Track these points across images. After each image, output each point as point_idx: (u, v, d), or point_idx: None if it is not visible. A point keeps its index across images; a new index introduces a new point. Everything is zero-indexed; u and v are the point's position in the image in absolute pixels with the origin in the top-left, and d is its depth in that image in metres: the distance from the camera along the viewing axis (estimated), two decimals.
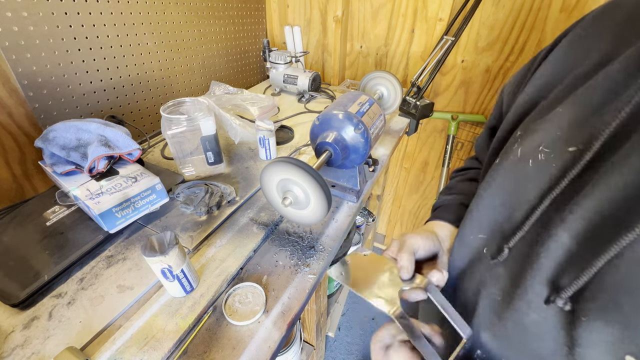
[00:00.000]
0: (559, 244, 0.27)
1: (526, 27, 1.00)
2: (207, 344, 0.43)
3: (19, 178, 0.68)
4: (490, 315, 0.34)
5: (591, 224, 0.25)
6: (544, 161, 0.31)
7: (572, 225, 0.26)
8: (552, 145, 0.30)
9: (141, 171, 0.60)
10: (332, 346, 1.33)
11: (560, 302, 0.26)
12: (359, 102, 0.60)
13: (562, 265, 0.27)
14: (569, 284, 0.26)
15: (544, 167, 0.30)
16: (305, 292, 0.50)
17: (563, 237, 0.27)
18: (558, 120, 0.31)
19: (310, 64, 1.41)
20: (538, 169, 0.31)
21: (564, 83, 0.33)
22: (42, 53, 0.65)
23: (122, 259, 0.54)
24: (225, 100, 0.97)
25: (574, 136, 0.29)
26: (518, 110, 0.39)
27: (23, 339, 0.42)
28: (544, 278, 0.28)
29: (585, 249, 0.25)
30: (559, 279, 0.27)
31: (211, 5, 1.02)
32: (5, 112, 0.63)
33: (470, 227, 0.40)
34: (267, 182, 0.49)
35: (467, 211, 0.42)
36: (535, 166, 0.31)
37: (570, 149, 0.29)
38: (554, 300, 0.27)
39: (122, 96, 0.84)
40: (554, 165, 0.30)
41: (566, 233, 0.27)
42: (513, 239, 0.32)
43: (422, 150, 1.41)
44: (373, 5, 1.18)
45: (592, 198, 0.25)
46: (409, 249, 0.42)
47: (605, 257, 0.23)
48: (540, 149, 0.31)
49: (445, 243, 0.47)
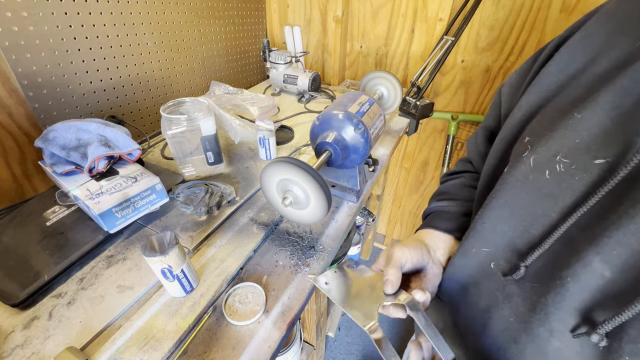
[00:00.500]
0: (590, 270, 0.25)
1: (526, 27, 1.00)
2: (207, 344, 0.43)
3: (19, 178, 0.68)
4: (504, 337, 0.32)
5: (632, 252, 0.23)
6: (564, 173, 0.28)
7: (607, 251, 0.24)
8: (572, 156, 0.27)
9: (141, 171, 0.60)
10: (332, 346, 1.33)
11: (595, 338, 0.24)
12: (359, 102, 0.60)
13: (597, 296, 0.24)
14: (608, 319, 0.23)
15: (565, 180, 0.28)
16: (305, 292, 0.50)
17: (595, 262, 0.24)
18: (577, 126, 0.27)
19: (310, 64, 1.41)
20: (558, 182, 0.28)
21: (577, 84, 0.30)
22: (42, 53, 0.65)
23: (122, 259, 0.54)
24: (225, 100, 0.97)
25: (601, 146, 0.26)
26: (523, 113, 0.36)
27: (23, 339, 0.42)
28: (571, 307, 0.26)
29: (626, 281, 0.23)
30: (592, 312, 0.25)
31: (211, 5, 1.02)
32: (5, 112, 0.63)
33: (474, 239, 0.37)
34: (267, 182, 0.49)
35: (471, 222, 0.39)
36: (554, 178, 0.28)
37: (597, 161, 0.26)
38: (588, 333, 0.24)
39: (122, 96, 0.84)
40: (577, 179, 0.27)
41: (599, 258, 0.24)
42: (530, 256, 0.30)
43: (422, 150, 1.41)
44: (373, 5, 1.18)
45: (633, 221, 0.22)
46: (395, 263, 0.40)
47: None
48: (558, 159, 0.28)
49: (438, 252, 0.45)
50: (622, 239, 0.23)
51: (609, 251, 0.24)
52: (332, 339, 1.35)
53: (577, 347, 0.26)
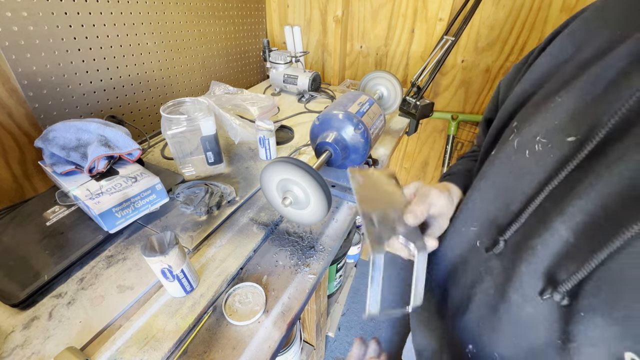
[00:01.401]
0: (556, 237, 0.27)
1: (526, 27, 1.00)
2: (207, 344, 0.43)
3: (19, 178, 0.68)
4: (483, 309, 0.34)
5: (592, 217, 0.25)
6: (541, 152, 0.30)
7: (571, 218, 0.26)
8: (550, 136, 0.29)
9: (141, 171, 0.60)
10: (332, 346, 1.33)
11: (557, 297, 0.26)
12: (359, 102, 0.60)
13: (559, 258, 0.27)
14: (567, 278, 0.25)
15: (542, 157, 0.30)
16: (305, 292, 0.50)
17: (561, 229, 0.26)
18: (556, 109, 0.30)
19: (310, 64, 1.41)
20: (535, 160, 0.30)
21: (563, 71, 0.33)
22: (42, 53, 0.65)
23: (122, 259, 0.54)
24: (225, 100, 0.97)
25: (573, 126, 0.28)
26: (514, 100, 0.38)
27: (23, 339, 0.42)
28: (539, 272, 0.28)
29: (585, 243, 0.25)
30: (555, 272, 0.27)
31: (211, 5, 1.02)
32: (5, 112, 0.63)
33: (463, 219, 0.39)
34: (267, 182, 0.49)
35: (462, 202, 0.40)
36: (532, 157, 0.31)
37: (569, 139, 0.28)
38: (551, 294, 0.26)
39: (122, 96, 0.84)
40: (551, 156, 0.29)
41: (564, 225, 0.26)
42: (508, 231, 0.31)
43: (422, 150, 1.41)
44: (373, 5, 1.18)
45: (594, 190, 0.25)
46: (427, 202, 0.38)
47: (606, 251, 0.23)
48: (538, 139, 0.30)
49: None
50: (584, 206, 0.25)
51: (573, 218, 0.26)
52: (332, 339, 1.35)
53: (545, 310, 0.28)
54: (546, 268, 0.27)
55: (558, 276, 0.27)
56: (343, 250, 0.99)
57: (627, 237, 0.22)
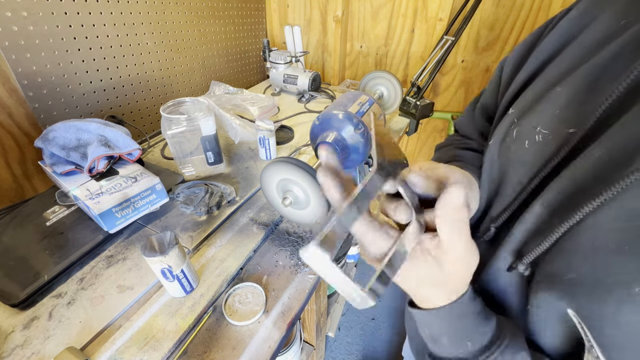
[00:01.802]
0: (533, 215, 0.28)
1: (526, 27, 1.00)
2: (207, 344, 0.43)
3: (19, 178, 0.68)
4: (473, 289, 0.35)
5: (564, 194, 0.26)
6: (541, 142, 0.30)
7: (548, 197, 0.27)
8: (550, 126, 0.29)
9: (141, 171, 0.60)
10: (332, 346, 1.33)
11: (521, 268, 0.28)
12: (359, 102, 0.60)
13: (531, 234, 0.28)
14: (531, 250, 0.27)
15: (542, 149, 0.30)
16: (305, 292, 0.50)
17: (537, 208, 0.28)
18: (557, 99, 0.30)
19: (310, 64, 1.41)
20: (534, 152, 0.30)
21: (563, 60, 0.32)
22: (42, 53, 0.65)
23: (122, 259, 0.54)
24: (225, 100, 0.97)
25: (572, 116, 0.28)
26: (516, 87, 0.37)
27: (23, 339, 0.42)
28: (513, 248, 0.29)
29: (554, 218, 0.26)
30: (524, 247, 0.28)
31: (211, 5, 1.02)
32: (5, 112, 0.63)
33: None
34: (267, 182, 0.49)
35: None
36: (532, 148, 0.30)
37: (571, 130, 0.28)
38: (516, 266, 0.28)
39: (122, 96, 0.84)
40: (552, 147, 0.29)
41: (540, 203, 0.27)
42: (500, 218, 0.33)
43: (422, 150, 1.41)
44: (373, 5, 1.18)
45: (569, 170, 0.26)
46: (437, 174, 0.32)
47: (567, 223, 0.24)
48: (538, 129, 0.30)
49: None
50: (559, 186, 0.26)
51: (549, 197, 0.27)
52: (332, 339, 1.35)
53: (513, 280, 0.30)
54: (519, 244, 0.29)
55: (524, 250, 0.28)
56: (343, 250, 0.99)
57: (586, 211, 0.23)
